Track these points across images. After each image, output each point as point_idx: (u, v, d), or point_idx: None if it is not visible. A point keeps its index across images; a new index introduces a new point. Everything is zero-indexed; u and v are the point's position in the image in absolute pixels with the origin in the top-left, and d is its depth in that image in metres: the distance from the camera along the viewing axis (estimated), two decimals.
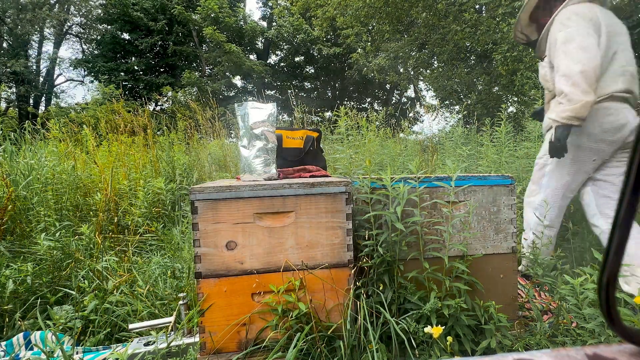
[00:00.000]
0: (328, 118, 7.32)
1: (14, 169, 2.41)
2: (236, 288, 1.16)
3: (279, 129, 1.66)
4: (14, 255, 1.88)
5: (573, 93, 1.42)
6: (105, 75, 13.94)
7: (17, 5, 13.58)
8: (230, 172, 3.41)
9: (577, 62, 1.42)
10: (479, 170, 3.13)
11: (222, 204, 1.15)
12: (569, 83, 1.43)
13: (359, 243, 1.31)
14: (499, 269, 1.37)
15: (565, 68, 1.45)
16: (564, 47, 1.47)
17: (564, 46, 1.47)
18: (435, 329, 0.99)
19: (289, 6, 13.81)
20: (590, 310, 1.14)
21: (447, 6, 6.64)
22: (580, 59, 1.42)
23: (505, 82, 5.53)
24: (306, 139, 1.69)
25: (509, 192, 1.37)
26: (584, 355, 0.27)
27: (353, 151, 2.52)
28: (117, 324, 1.42)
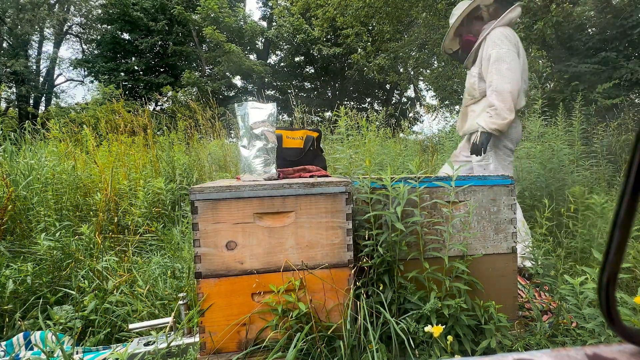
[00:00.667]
0: (328, 118, 7.32)
1: (14, 169, 2.41)
2: (236, 288, 1.16)
3: (279, 129, 1.66)
4: (14, 255, 1.88)
5: (502, 109, 1.72)
6: (105, 75, 13.94)
7: (16, 5, 13.57)
8: (230, 172, 3.41)
9: (507, 82, 1.70)
10: None
11: (222, 204, 1.15)
12: (499, 99, 1.72)
13: (359, 243, 1.31)
14: (499, 269, 1.37)
15: (497, 85, 1.72)
16: (496, 65, 1.74)
17: (497, 64, 1.74)
18: (435, 328, 0.99)
19: (289, 6, 13.80)
20: (590, 310, 1.14)
21: (447, 6, 6.64)
22: (510, 79, 1.70)
23: None
24: (306, 139, 1.69)
25: (509, 192, 1.37)
26: (584, 355, 0.27)
27: (353, 151, 2.52)
28: (117, 324, 1.42)
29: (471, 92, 1.93)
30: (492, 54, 1.75)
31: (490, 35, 1.79)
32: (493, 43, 1.76)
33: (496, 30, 1.79)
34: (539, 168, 2.62)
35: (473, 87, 1.90)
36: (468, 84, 1.94)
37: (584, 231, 1.94)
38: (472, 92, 1.92)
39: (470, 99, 1.95)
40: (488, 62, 1.78)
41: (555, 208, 2.24)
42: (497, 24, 1.80)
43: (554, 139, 2.77)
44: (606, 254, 0.25)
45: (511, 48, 1.74)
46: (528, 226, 1.94)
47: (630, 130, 4.25)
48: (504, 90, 1.70)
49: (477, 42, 1.86)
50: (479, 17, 1.90)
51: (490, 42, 1.77)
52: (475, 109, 1.92)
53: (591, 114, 4.30)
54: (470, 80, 1.92)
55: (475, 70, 1.87)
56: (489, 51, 1.77)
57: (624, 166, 3.51)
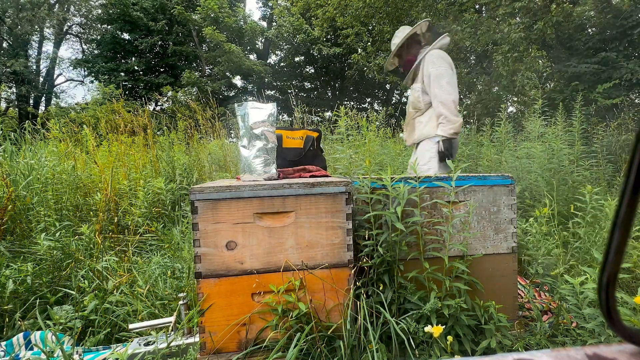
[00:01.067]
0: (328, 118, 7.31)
1: (14, 169, 2.41)
2: (236, 288, 1.16)
3: (279, 129, 1.66)
4: (14, 255, 1.88)
5: (450, 115, 1.99)
6: (105, 75, 13.94)
7: (16, 5, 13.57)
8: (230, 172, 3.41)
9: (449, 94, 2.00)
10: (479, 170, 3.13)
11: (222, 204, 1.15)
12: (445, 108, 1.99)
13: (359, 243, 1.31)
14: (499, 269, 1.37)
15: (441, 97, 2.00)
16: (438, 81, 2.02)
17: (438, 80, 2.02)
18: (435, 328, 0.99)
19: (289, 6, 13.80)
20: (590, 310, 1.14)
21: (447, 6, 6.64)
22: (450, 92, 2.01)
23: (506, 82, 5.53)
24: (306, 139, 1.69)
25: (509, 192, 1.37)
26: (584, 355, 0.27)
27: (353, 151, 2.52)
28: (117, 324, 1.42)
29: (416, 105, 2.18)
30: (432, 71, 2.04)
31: (428, 55, 2.09)
32: (432, 62, 2.05)
33: (433, 51, 2.09)
34: (538, 168, 2.62)
35: (418, 100, 2.16)
36: (413, 98, 2.19)
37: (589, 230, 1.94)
38: (418, 105, 2.17)
39: (415, 111, 2.21)
40: (429, 78, 2.06)
41: (556, 208, 2.24)
42: (432, 47, 2.11)
43: (554, 139, 2.77)
44: (606, 254, 0.25)
45: (447, 66, 2.06)
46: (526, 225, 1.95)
47: (630, 130, 4.25)
48: (448, 100, 1.99)
49: (417, 62, 2.15)
50: (417, 41, 2.20)
51: (430, 62, 2.06)
52: (421, 120, 2.19)
53: (591, 114, 4.30)
54: (414, 95, 2.17)
55: (418, 86, 2.14)
56: (430, 69, 2.05)
57: (624, 166, 3.51)
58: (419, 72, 2.16)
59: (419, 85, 2.14)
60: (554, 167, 2.58)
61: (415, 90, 2.16)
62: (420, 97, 2.15)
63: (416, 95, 2.15)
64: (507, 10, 4.84)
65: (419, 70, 2.15)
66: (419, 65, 2.15)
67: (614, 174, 3.28)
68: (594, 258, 1.74)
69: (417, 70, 2.17)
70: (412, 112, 2.24)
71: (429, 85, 2.08)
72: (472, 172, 3.20)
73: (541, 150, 2.71)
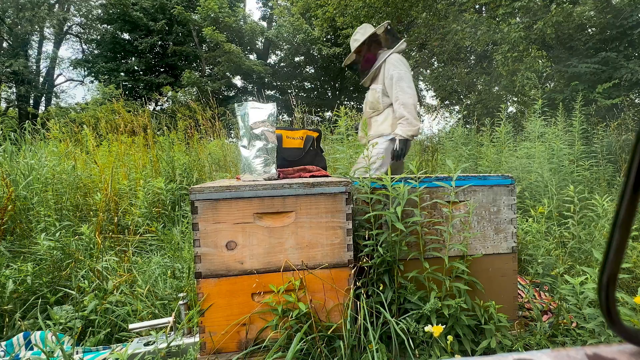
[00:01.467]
0: (328, 118, 7.31)
1: (14, 169, 2.41)
2: (236, 288, 1.16)
3: (279, 129, 1.66)
4: (14, 255, 1.88)
5: (412, 118, 2.06)
6: (105, 75, 13.94)
7: (16, 4, 13.57)
8: (230, 172, 3.41)
9: (410, 97, 2.07)
10: (478, 170, 3.13)
11: (222, 204, 1.15)
12: (407, 110, 2.06)
13: (359, 243, 1.31)
14: (499, 269, 1.37)
15: (403, 99, 2.07)
16: (399, 84, 2.09)
17: (399, 83, 2.09)
18: (435, 328, 0.99)
19: (289, 6, 13.80)
20: (590, 310, 1.14)
21: (447, 6, 6.64)
22: (411, 95, 2.08)
23: (506, 82, 5.54)
24: (306, 139, 1.69)
25: (509, 192, 1.37)
26: (584, 355, 0.27)
27: (353, 151, 2.52)
28: (117, 324, 1.42)
29: (375, 106, 2.24)
30: (394, 74, 2.11)
31: (389, 59, 2.16)
32: (393, 65, 2.13)
33: (394, 55, 2.17)
34: (538, 168, 2.62)
35: (377, 101, 2.22)
36: (372, 98, 2.24)
37: (580, 229, 1.94)
38: (377, 106, 2.23)
39: (372, 111, 2.27)
40: (391, 81, 2.12)
41: (554, 209, 2.24)
42: (393, 51, 2.18)
43: (554, 139, 2.77)
44: (606, 254, 0.25)
45: (407, 69, 2.15)
46: (526, 225, 1.95)
47: (630, 130, 4.25)
48: (409, 104, 2.07)
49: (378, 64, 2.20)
50: (377, 41, 2.25)
51: (391, 65, 2.13)
52: (378, 119, 2.25)
53: (591, 114, 4.30)
54: (374, 95, 2.23)
55: (379, 87, 2.20)
56: (391, 72, 2.12)
57: (624, 166, 3.51)
58: (379, 74, 2.21)
59: (379, 87, 2.20)
60: (554, 167, 2.58)
61: (376, 91, 2.21)
62: (380, 99, 2.21)
63: (377, 96, 2.21)
64: (507, 10, 4.84)
65: (380, 71, 2.21)
66: (380, 67, 2.21)
67: (614, 174, 3.28)
68: (592, 257, 1.74)
69: (378, 71, 2.22)
70: (369, 111, 2.29)
71: (390, 87, 2.15)
72: (472, 172, 3.20)
73: (541, 150, 2.71)
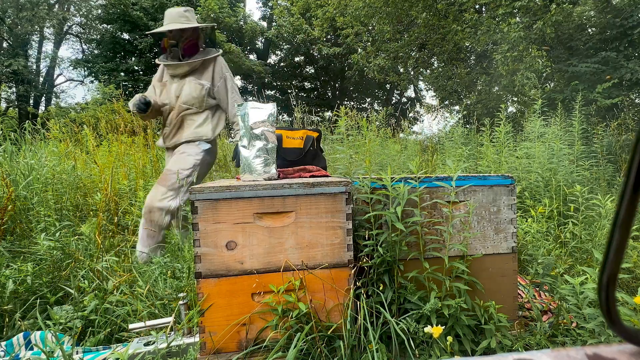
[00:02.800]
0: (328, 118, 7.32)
1: (14, 169, 2.41)
2: (236, 288, 1.16)
3: (279, 129, 1.66)
4: (14, 255, 1.88)
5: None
6: (105, 75, 13.93)
7: (16, 4, 13.56)
8: (230, 172, 3.41)
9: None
10: (478, 170, 3.13)
11: (222, 204, 1.15)
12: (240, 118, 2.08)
13: (359, 243, 1.31)
14: (499, 269, 1.37)
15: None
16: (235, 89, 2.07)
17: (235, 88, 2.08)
18: (435, 328, 0.99)
19: (289, 6, 13.80)
20: (590, 310, 1.14)
21: (447, 6, 6.64)
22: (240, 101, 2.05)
23: (506, 82, 5.54)
24: (306, 139, 1.69)
25: (509, 192, 1.37)
26: (584, 355, 0.27)
27: (353, 151, 2.52)
28: (117, 324, 1.42)
29: (198, 103, 2.04)
30: (228, 77, 2.06)
31: (220, 59, 2.08)
32: (226, 67, 2.07)
33: (221, 58, 2.09)
34: (539, 168, 2.63)
35: (202, 98, 2.04)
36: (197, 94, 2.02)
37: (581, 229, 1.94)
38: (199, 103, 2.04)
39: (188, 107, 2.04)
40: (225, 82, 2.04)
41: (555, 208, 2.24)
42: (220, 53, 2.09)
43: (554, 139, 2.77)
44: (606, 254, 0.25)
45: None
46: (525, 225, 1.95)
47: (630, 130, 4.25)
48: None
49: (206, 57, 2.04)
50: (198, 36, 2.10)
51: (223, 66, 2.07)
52: (196, 119, 2.05)
53: (591, 114, 4.30)
54: (196, 91, 2.02)
55: (206, 84, 2.04)
56: (225, 73, 2.06)
57: (624, 166, 3.51)
58: (207, 71, 2.05)
59: (207, 84, 2.04)
60: (554, 167, 2.58)
61: (203, 87, 2.03)
62: (205, 97, 2.04)
63: (202, 93, 2.03)
64: (507, 10, 4.84)
65: (209, 69, 2.06)
66: (208, 63, 2.06)
67: (614, 174, 3.28)
68: (592, 257, 1.74)
69: (205, 67, 2.06)
70: (183, 106, 2.05)
71: (223, 88, 2.05)
72: (472, 172, 3.20)
73: (541, 150, 2.71)
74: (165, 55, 2.11)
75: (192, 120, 2.05)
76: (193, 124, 2.05)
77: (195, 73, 2.05)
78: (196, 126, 2.04)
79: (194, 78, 2.04)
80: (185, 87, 2.03)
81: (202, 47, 2.12)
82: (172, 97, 2.06)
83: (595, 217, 2.04)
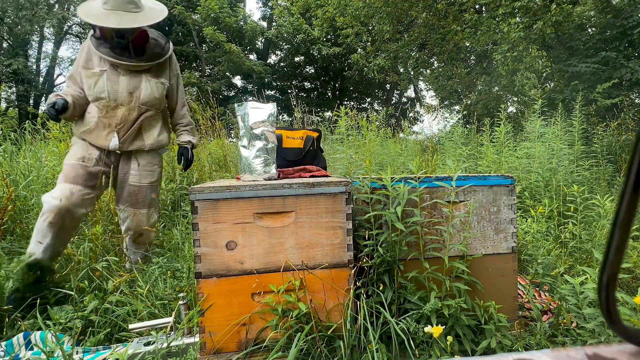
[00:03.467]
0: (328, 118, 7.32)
1: (14, 169, 2.41)
2: (236, 288, 1.16)
3: (279, 129, 1.66)
4: (14, 255, 1.88)
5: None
6: None
7: (16, 4, 13.56)
8: (230, 172, 3.41)
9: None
10: (478, 170, 3.13)
11: (222, 204, 1.15)
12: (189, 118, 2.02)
13: (359, 243, 1.31)
14: (499, 269, 1.37)
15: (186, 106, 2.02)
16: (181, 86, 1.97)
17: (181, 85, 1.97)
18: (435, 328, 0.99)
19: (289, 6, 13.80)
20: (590, 310, 1.15)
21: (447, 6, 6.64)
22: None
23: (506, 82, 5.54)
24: (306, 139, 1.69)
25: (509, 192, 1.37)
26: (584, 355, 0.27)
27: (353, 151, 2.52)
28: (117, 324, 1.42)
29: (156, 104, 1.83)
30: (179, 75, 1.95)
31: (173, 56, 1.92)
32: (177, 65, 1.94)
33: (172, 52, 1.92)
34: (539, 168, 2.63)
35: (161, 99, 1.85)
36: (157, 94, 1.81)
37: (580, 229, 1.94)
38: (157, 104, 1.84)
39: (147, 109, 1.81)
40: (177, 80, 1.93)
41: (555, 208, 2.24)
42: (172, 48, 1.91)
43: (554, 139, 2.77)
44: (606, 254, 0.25)
45: None
46: (525, 225, 1.95)
47: (630, 130, 4.25)
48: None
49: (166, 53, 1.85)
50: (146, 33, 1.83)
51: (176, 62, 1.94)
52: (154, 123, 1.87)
53: (591, 114, 4.30)
54: (159, 91, 1.82)
55: (167, 84, 1.86)
56: (178, 71, 1.95)
57: (624, 166, 3.51)
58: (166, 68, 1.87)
59: (166, 82, 1.86)
60: (554, 167, 2.58)
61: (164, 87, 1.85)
62: (163, 97, 1.86)
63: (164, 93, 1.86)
64: (507, 10, 4.84)
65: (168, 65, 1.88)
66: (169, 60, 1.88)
67: (614, 174, 3.28)
68: (592, 257, 1.74)
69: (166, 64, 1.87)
70: (142, 108, 1.79)
71: (175, 87, 1.90)
72: (472, 172, 3.20)
73: (541, 150, 2.71)
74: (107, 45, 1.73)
75: (151, 125, 1.86)
76: (153, 129, 1.87)
77: (152, 69, 1.82)
78: (158, 133, 1.88)
79: (153, 76, 1.81)
80: (145, 85, 1.78)
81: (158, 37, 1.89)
82: (123, 93, 1.74)
83: (595, 217, 2.04)
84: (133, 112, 1.78)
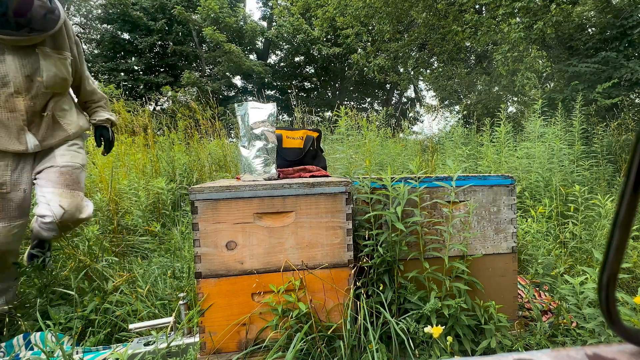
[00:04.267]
0: (328, 118, 7.32)
1: None
2: (236, 288, 1.16)
3: (279, 129, 1.66)
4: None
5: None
6: (105, 75, 13.93)
7: None
8: (230, 172, 3.41)
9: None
10: (478, 170, 3.13)
11: (222, 204, 1.15)
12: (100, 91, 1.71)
13: (359, 243, 1.31)
14: (499, 269, 1.37)
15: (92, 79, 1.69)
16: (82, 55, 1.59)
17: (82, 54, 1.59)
18: (435, 328, 0.99)
19: (289, 6, 13.80)
20: (590, 310, 1.15)
21: (447, 6, 6.64)
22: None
23: (506, 82, 5.54)
24: (306, 139, 1.69)
25: (509, 192, 1.37)
26: (584, 355, 0.27)
27: (353, 151, 2.52)
28: (117, 324, 1.42)
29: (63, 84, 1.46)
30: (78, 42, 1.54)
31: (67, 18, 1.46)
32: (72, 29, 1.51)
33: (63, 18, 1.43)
34: (539, 168, 2.63)
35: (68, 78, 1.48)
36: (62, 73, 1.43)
37: (581, 229, 1.94)
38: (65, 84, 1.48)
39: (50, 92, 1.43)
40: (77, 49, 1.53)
41: (555, 208, 2.24)
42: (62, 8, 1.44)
43: (554, 139, 2.77)
44: (606, 254, 0.25)
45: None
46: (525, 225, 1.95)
47: (630, 130, 4.25)
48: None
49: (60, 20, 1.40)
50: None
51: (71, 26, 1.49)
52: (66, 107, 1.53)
53: (591, 114, 4.30)
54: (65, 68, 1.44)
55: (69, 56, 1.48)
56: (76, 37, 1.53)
57: (624, 166, 3.51)
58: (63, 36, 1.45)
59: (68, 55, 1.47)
60: (554, 167, 2.58)
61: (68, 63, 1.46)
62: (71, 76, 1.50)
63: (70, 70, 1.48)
64: (507, 10, 4.84)
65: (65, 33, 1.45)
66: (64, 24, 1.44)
67: (614, 174, 3.28)
68: (592, 257, 1.74)
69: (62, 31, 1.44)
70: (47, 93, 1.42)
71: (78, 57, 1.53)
72: (472, 172, 3.20)
73: (541, 150, 2.71)
74: None
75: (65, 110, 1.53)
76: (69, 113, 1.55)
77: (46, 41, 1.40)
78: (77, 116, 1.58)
79: (50, 48, 1.40)
80: (45, 64, 1.38)
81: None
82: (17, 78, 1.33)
83: (595, 217, 2.04)
84: (37, 100, 1.40)
